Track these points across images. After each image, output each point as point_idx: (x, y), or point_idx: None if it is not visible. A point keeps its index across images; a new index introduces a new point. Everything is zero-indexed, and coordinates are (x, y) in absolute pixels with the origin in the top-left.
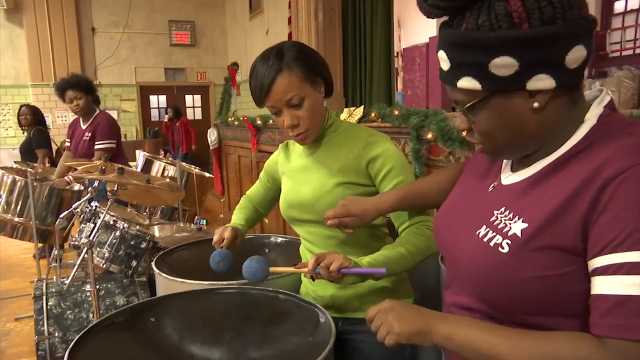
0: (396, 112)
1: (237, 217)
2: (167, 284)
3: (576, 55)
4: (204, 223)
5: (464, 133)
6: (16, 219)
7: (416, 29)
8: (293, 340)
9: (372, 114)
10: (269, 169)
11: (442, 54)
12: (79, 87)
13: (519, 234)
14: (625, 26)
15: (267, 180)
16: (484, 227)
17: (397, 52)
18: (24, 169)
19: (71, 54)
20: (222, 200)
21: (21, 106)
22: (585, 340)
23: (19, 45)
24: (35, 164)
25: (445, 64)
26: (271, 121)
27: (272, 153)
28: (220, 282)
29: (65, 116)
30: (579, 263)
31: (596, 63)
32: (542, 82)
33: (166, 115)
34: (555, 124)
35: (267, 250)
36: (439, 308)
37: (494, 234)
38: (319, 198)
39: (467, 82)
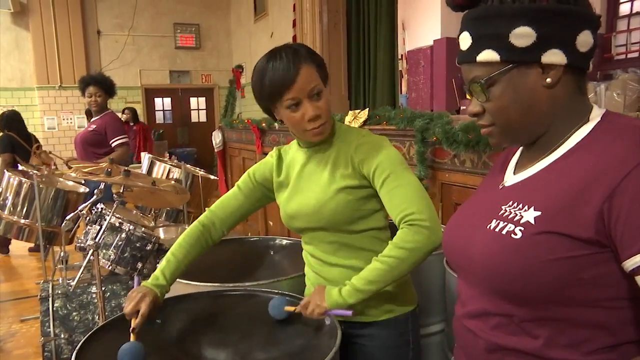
0: (401, 115)
1: (163, 269)
2: (172, 286)
3: (585, 39)
4: None
5: (475, 118)
6: (22, 221)
7: (421, 31)
8: (298, 342)
9: (377, 117)
10: (257, 175)
11: (464, 34)
12: (102, 86)
13: (532, 221)
14: (631, 28)
15: (251, 189)
16: (494, 220)
17: (402, 55)
18: (30, 171)
19: (77, 56)
20: None
21: None
22: None
23: (25, 48)
24: (42, 167)
25: (466, 43)
26: (276, 124)
27: None
28: (225, 285)
29: (71, 119)
30: (592, 250)
31: (601, 66)
32: (556, 56)
33: (123, 116)
34: (563, 106)
35: (272, 253)
36: (444, 313)
37: (506, 223)
38: (322, 205)
39: (487, 55)
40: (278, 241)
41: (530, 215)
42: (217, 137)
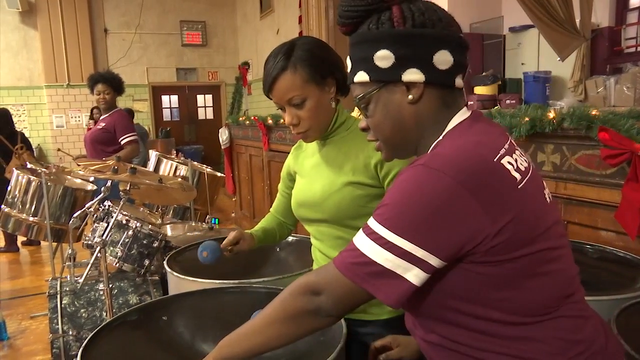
0: None
1: (256, 227)
2: (178, 283)
3: (443, 57)
4: (216, 222)
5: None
6: (31, 219)
7: None
8: (305, 340)
9: None
10: (285, 174)
11: (348, 58)
12: (111, 83)
13: None
14: None
15: (285, 187)
16: None
17: None
18: (38, 169)
19: (84, 55)
20: (233, 199)
21: None
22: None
23: (33, 46)
24: (50, 164)
25: (349, 65)
26: (282, 120)
27: (283, 152)
28: (231, 281)
29: (79, 117)
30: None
31: (611, 59)
32: (414, 75)
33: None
34: (429, 120)
35: (278, 249)
36: None
37: None
38: (327, 197)
39: (360, 76)
40: None
41: None
42: (223, 134)
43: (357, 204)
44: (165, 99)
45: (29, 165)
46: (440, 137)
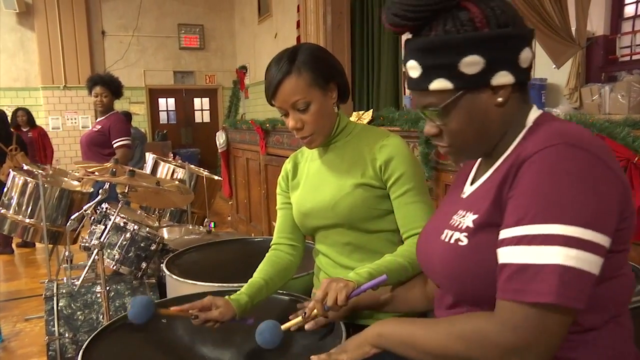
0: (405, 117)
1: (246, 285)
2: (177, 286)
3: (526, 55)
4: (213, 225)
5: (434, 138)
6: (27, 221)
7: None
8: (303, 344)
9: (381, 118)
10: (283, 183)
11: (412, 63)
12: (109, 86)
13: (471, 225)
14: (636, 30)
15: (285, 199)
16: (445, 231)
17: None
18: (35, 170)
19: (81, 57)
20: (230, 202)
21: None
22: (482, 314)
23: (30, 48)
24: (47, 166)
25: (415, 72)
26: (280, 124)
27: (280, 156)
28: (230, 284)
29: (75, 119)
30: None
31: (606, 67)
32: (504, 78)
33: (17, 118)
34: (513, 119)
35: None
36: None
37: (453, 232)
38: (338, 201)
39: (439, 84)
40: None
41: (469, 220)
42: (220, 138)
43: (368, 205)
44: (162, 101)
45: (25, 167)
46: (522, 134)
